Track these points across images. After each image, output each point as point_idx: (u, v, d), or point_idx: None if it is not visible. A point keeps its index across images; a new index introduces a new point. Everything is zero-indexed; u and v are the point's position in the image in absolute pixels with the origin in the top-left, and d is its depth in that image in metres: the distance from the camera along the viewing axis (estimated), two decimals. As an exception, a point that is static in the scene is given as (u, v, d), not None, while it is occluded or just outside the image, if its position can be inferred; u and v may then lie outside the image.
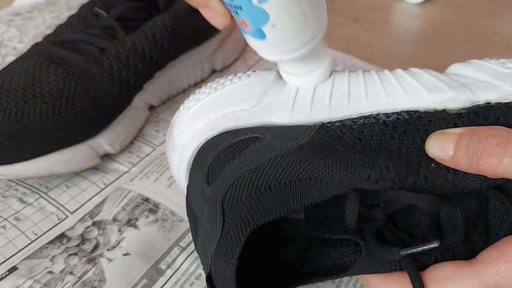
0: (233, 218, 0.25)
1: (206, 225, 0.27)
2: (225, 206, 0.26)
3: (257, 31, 0.26)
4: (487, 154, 0.24)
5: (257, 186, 0.26)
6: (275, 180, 0.26)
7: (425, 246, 0.26)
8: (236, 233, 0.25)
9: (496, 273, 0.25)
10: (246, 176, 0.26)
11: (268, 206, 0.26)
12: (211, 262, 0.26)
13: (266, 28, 0.26)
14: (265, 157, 0.27)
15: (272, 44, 0.27)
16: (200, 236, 0.27)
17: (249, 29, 0.27)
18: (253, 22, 0.26)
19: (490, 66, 0.29)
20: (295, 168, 0.26)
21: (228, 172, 0.27)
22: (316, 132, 0.28)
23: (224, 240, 0.25)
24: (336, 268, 0.31)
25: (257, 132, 0.29)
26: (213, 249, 0.25)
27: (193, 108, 0.31)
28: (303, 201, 0.26)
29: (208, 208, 0.27)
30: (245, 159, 0.27)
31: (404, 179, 0.26)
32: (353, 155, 0.26)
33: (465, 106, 0.28)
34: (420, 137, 0.27)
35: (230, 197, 0.26)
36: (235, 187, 0.26)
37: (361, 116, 0.28)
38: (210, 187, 0.27)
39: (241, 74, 0.32)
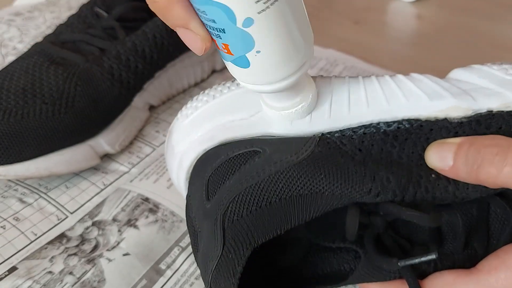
0: (234, 237, 0.25)
1: (206, 241, 0.26)
2: (225, 224, 0.26)
3: (241, 58, 0.24)
4: (487, 163, 0.24)
5: (258, 202, 0.26)
6: (276, 196, 0.26)
7: (423, 257, 0.26)
8: (237, 252, 0.25)
9: (496, 282, 0.24)
10: (246, 192, 0.26)
11: (269, 223, 0.25)
12: (212, 279, 0.25)
13: (250, 54, 0.23)
14: (265, 172, 0.26)
15: (256, 73, 0.24)
16: (200, 251, 0.27)
17: (232, 56, 0.24)
18: (237, 48, 0.23)
19: (492, 72, 0.28)
20: (296, 184, 0.26)
21: (228, 187, 0.27)
22: (316, 145, 0.27)
23: (225, 259, 0.25)
24: (335, 275, 0.30)
25: (256, 145, 0.28)
26: (214, 266, 0.25)
27: (191, 117, 0.31)
28: (304, 216, 0.26)
29: (208, 223, 0.27)
30: (245, 174, 0.27)
31: (405, 190, 0.26)
32: (354, 167, 0.26)
33: (467, 114, 0.27)
34: (421, 145, 0.27)
35: (231, 213, 0.26)
36: (236, 204, 0.26)
37: (361, 126, 0.28)
38: (210, 202, 0.27)
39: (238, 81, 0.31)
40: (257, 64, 0.24)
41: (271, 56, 0.23)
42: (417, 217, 0.26)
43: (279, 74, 0.24)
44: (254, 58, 0.23)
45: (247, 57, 0.23)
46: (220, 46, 0.24)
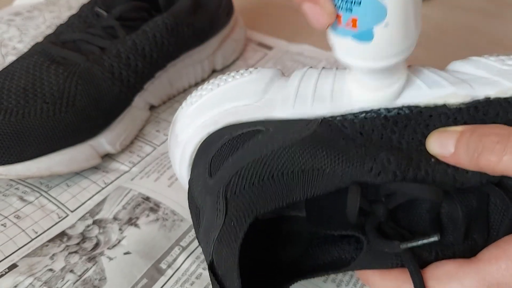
0: (236, 206, 0.26)
1: (208, 214, 0.27)
2: (228, 195, 0.26)
3: (366, 32, 0.25)
4: (488, 151, 0.25)
5: (260, 176, 0.26)
6: (278, 170, 0.26)
7: (425, 239, 0.26)
8: (240, 220, 0.25)
9: (497, 271, 0.25)
10: (249, 167, 0.26)
11: (271, 196, 0.26)
12: (214, 249, 0.26)
13: (378, 27, 0.24)
14: (268, 148, 0.27)
15: (378, 47, 0.25)
16: (203, 226, 0.27)
17: (356, 30, 0.25)
18: (367, 21, 0.24)
19: (489, 63, 0.29)
20: (298, 160, 0.26)
21: (231, 163, 0.27)
22: (318, 125, 0.28)
23: (227, 227, 0.25)
24: (336, 264, 0.31)
25: (260, 126, 0.29)
26: (216, 236, 0.25)
27: (196, 104, 0.31)
28: (305, 192, 0.26)
29: (210, 198, 0.27)
30: (248, 150, 0.27)
31: (405, 172, 0.26)
32: (355, 148, 0.27)
33: (465, 101, 0.28)
34: (421, 131, 0.28)
35: (233, 186, 0.26)
36: (238, 177, 0.26)
37: (363, 111, 0.29)
38: (213, 178, 0.28)
39: (243, 71, 0.32)
40: (382, 36, 0.25)
41: (397, 29, 0.25)
42: (418, 189, 0.26)
43: (399, 47, 0.26)
44: (380, 31, 0.25)
45: (374, 30, 0.25)
46: (345, 21, 0.25)
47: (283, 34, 0.63)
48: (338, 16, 0.25)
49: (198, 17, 0.50)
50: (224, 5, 0.54)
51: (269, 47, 0.60)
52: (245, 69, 0.32)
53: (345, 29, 0.25)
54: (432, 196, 0.26)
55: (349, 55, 0.27)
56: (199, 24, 0.50)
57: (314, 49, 0.59)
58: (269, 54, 0.59)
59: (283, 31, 0.63)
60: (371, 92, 0.28)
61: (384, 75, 0.28)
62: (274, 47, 0.60)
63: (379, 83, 0.28)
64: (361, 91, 0.29)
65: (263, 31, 0.63)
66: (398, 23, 0.24)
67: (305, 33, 0.63)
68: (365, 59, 0.26)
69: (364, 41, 0.25)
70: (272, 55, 0.59)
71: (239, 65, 0.58)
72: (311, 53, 0.58)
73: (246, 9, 0.67)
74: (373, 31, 0.25)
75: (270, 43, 0.61)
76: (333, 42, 0.27)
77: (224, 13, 0.54)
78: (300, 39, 0.61)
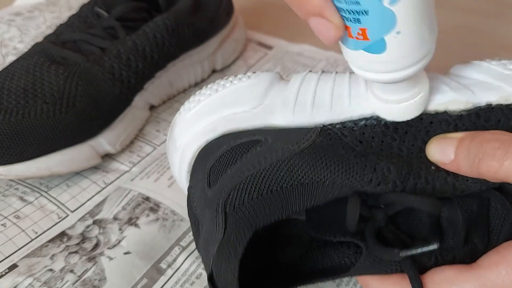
0: (235, 222, 0.25)
1: (207, 227, 0.27)
2: (227, 210, 0.26)
3: (377, 43, 0.23)
4: (489, 157, 0.24)
5: (259, 190, 0.26)
6: (277, 184, 0.26)
7: (425, 248, 0.26)
8: (239, 235, 0.25)
9: (497, 278, 0.25)
10: (248, 181, 0.26)
11: (270, 210, 0.26)
12: (213, 263, 0.26)
13: (389, 37, 0.23)
14: (266, 161, 0.27)
15: (391, 57, 0.24)
16: (202, 237, 0.27)
17: (367, 42, 0.23)
18: (376, 31, 0.23)
19: (491, 68, 0.29)
20: (297, 173, 0.26)
21: (229, 175, 0.27)
22: (318, 135, 0.28)
23: (226, 242, 0.25)
24: (336, 269, 0.31)
25: (258, 135, 0.29)
26: (215, 250, 0.25)
27: (194, 110, 0.31)
28: (304, 204, 0.26)
29: (209, 211, 0.27)
30: (246, 163, 0.27)
31: (405, 181, 0.26)
32: (355, 158, 0.26)
33: (466, 107, 0.27)
34: (421, 138, 0.27)
35: (233, 201, 0.26)
36: (237, 191, 0.26)
37: (363, 118, 0.28)
38: (212, 189, 0.28)
39: (241, 76, 0.32)
40: (395, 46, 0.23)
41: (410, 37, 0.23)
42: (418, 201, 0.26)
43: (415, 56, 0.24)
44: (392, 40, 0.23)
45: (385, 40, 0.23)
46: (354, 33, 0.23)
47: (283, 34, 0.63)
48: (347, 28, 0.24)
49: (198, 17, 0.50)
50: (224, 5, 0.54)
51: (269, 47, 0.60)
52: (244, 73, 0.32)
53: (356, 41, 0.24)
54: (431, 209, 0.26)
55: (364, 68, 0.25)
56: (199, 24, 0.50)
57: (314, 49, 0.59)
58: (269, 54, 0.59)
59: (283, 31, 0.63)
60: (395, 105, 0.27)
61: (404, 87, 0.26)
62: (274, 47, 0.60)
63: (401, 97, 0.27)
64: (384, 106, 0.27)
65: (263, 31, 0.63)
66: (410, 29, 0.23)
67: (305, 33, 0.63)
68: (381, 72, 0.25)
69: (377, 53, 0.24)
70: (272, 55, 0.59)
71: (239, 65, 0.58)
72: (311, 53, 0.58)
73: (246, 9, 0.67)
74: (385, 41, 0.23)
75: (270, 43, 0.61)
76: (346, 56, 0.26)
77: (224, 13, 0.54)
78: (300, 39, 0.61)
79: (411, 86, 0.26)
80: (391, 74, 0.25)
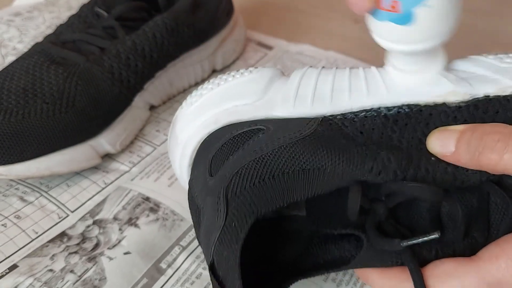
0: (237, 207, 0.25)
1: (209, 215, 0.27)
2: (229, 195, 0.26)
3: (406, 15, 0.25)
4: (489, 149, 0.25)
5: (261, 175, 0.26)
6: (279, 170, 0.26)
7: (426, 237, 0.26)
8: (241, 221, 0.25)
9: (497, 270, 0.25)
10: (249, 166, 0.26)
11: (271, 196, 0.26)
12: (214, 250, 0.26)
13: (419, 9, 0.25)
14: (268, 147, 0.27)
15: (420, 28, 0.26)
16: (203, 226, 0.27)
17: (397, 13, 0.25)
18: (409, 3, 0.25)
19: (488, 61, 0.29)
20: (299, 159, 0.26)
21: (231, 162, 0.27)
22: (319, 124, 0.28)
23: (228, 228, 0.25)
24: (336, 262, 0.31)
25: (260, 124, 0.29)
26: (217, 237, 0.25)
27: (196, 104, 0.31)
28: (306, 192, 0.26)
29: (211, 198, 0.27)
30: (248, 149, 0.27)
31: (406, 171, 0.26)
32: (355, 147, 0.27)
33: (465, 99, 0.28)
34: (421, 130, 0.28)
35: (234, 186, 0.26)
36: (239, 177, 0.26)
37: (363, 110, 0.29)
38: (214, 178, 0.28)
39: (243, 71, 0.32)
40: (424, 18, 0.25)
41: (438, 10, 0.25)
42: (419, 189, 0.26)
43: (440, 29, 0.26)
44: (422, 11, 0.25)
45: (415, 12, 0.25)
46: (387, 5, 0.26)
47: (283, 34, 0.63)
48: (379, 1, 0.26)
49: (198, 17, 0.50)
50: (224, 5, 0.54)
51: (269, 47, 0.60)
52: (245, 68, 0.33)
53: (386, 13, 0.26)
54: (432, 197, 0.26)
55: (389, 39, 0.27)
56: (199, 24, 0.50)
57: (314, 48, 0.59)
58: (269, 54, 0.59)
59: (283, 31, 0.63)
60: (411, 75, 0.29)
61: (422, 59, 0.28)
62: (274, 47, 0.60)
63: (418, 67, 0.28)
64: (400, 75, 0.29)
65: (263, 31, 0.63)
66: (440, 2, 0.25)
67: (305, 33, 0.63)
68: (405, 43, 0.27)
69: (405, 24, 0.26)
70: (272, 55, 0.59)
71: (239, 65, 0.58)
72: (311, 52, 0.58)
73: (246, 9, 0.67)
74: (415, 13, 0.25)
75: (270, 43, 0.61)
76: (372, 26, 0.28)
77: (224, 13, 0.54)
78: (300, 39, 0.61)
79: (428, 58, 0.28)
80: (415, 45, 0.27)
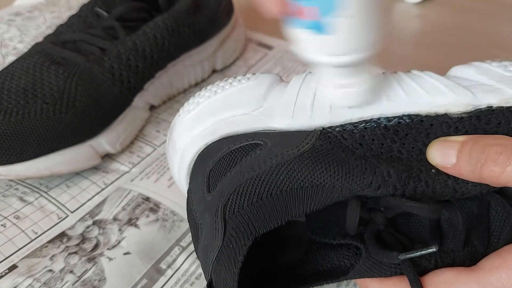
0: (235, 227, 0.25)
1: (207, 232, 0.27)
2: (226, 214, 0.26)
3: (324, 22, 0.23)
4: (491, 162, 0.24)
5: (259, 194, 0.26)
6: (277, 188, 0.26)
7: (424, 250, 0.26)
8: (238, 242, 0.25)
9: (497, 281, 0.24)
10: (247, 184, 0.26)
11: (269, 214, 0.26)
12: (212, 270, 0.25)
13: (337, 16, 0.22)
14: (266, 164, 0.27)
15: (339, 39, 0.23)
16: (201, 243, 0.27)
17: (313, 22, 0.23)
18: (325, 8, 0.22)
19: (492, 69, 0.29)
20: (297, 176, 0.26)
21: (229, 179, 0.27)
22: (317, 138, 0.27)
23: (225, 249, 0.25)
24: (336, 271, 0.30)
25: (258, 139, 0.28)
26: (214, 257, 0.25)
27: (193, 112, 0.31)
28: (304, 208, 0.26)
29: (209, 215, 0.27)
30: (246, 166, 0.27)
31: (405, 185, 0.26)
32: (355, 161, 0.26)
33: (467, 110, 0.27)
34: (422, 141, 0.27)
35: (232, 205, 0.26)
36: (237, 195, 0.26)
37: (362, 120, 0.28)
38: (211, 193, 0.27)
39: (240, 77, 0.31)
40: (342, 28, 0.23)
41: (359, 19, 0.23)
42: (418, 207, 0.26)
43: (361, 42, 0.24)
44: (340, 21, 0.23)
45: (332, 20, 0.23)
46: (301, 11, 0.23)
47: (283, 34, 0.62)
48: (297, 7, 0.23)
49: (198, 17, 0.50)
50: (224, 5, 0.54)
51: (269, 47, 0.60)
52: (243, 75, 0.32)
53: (303, 21, 0.23)
54: (431, 215, 0.26)
55: (310, 49, 0.25)
56: (199, 24, 0.50)
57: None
58: (269, 54, 0.59)
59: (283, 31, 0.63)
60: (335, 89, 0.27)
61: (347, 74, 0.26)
62: (274, 47, 0.60)
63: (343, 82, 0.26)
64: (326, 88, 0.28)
65: (263, 31, 0.63)
66: (359, 13, 0.23)
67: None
68: (329, 54, 0.24)
69: (320, 33, 0.23)
70: (272, 55, 0.59)
71: (239, 65, 0.58)
72: (311, 53, 0.58)
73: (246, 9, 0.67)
74: (334, 23, 0.23)
75: (270, 43, 0.61)
76: (290, 35, 0.25)
77: (224, 13, 0.54)
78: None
79: (357, 73, 0.26)
80: (337, 57, 0.24)
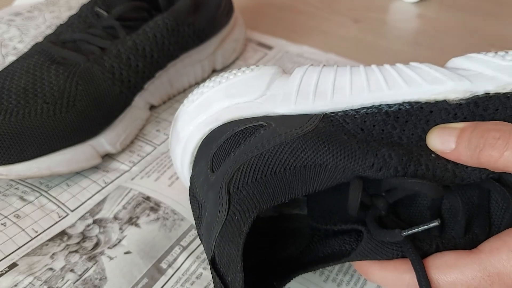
0: (239, 201, 0.26)
1: (210, 209, 0.27)
2: (230, 190, 0.26)
3: None
4: (489, 146, 0.25)
5: (263, 171, 0.26)
6: (280, 166, 0.26)
7: (426, 225, 0.26)
8: (243, 215, 0.25)
9: (498, 262, 0.25)
10: (251, 162, 0.27)
11: (273, 191, 0.26)
12: (215, 245, 0.26)
13: None
14: (270, 143, 0.27)
15: None
16: (204, 221, 0.28)
17: None
18: None
19: (488, 59, 0.29)
20: (300, 155, 0.27)
21: (233, 158, 0.27)
22: (320, 120, 0.28)
23: (230, 222, 0.25)
24: (337, 255, 0.31)
25: (262, 121, 0.29)
26: (218, 231, 0.25)
27: (197, 101, 0.31)
28: (307, 187, 0.27)
29: (213, 193, 0.27)
30: (250, 145, 0.28)
31: (406, 167, 0.26)
32: (357, 143, 0.27)
33: (465, 96, 0.28)
34: (421, 127, 0.28)
35: (236, 181, 0.26)
36: (241, 172, 0.26)
37: (364, 107, 0.29)
38: (215, 173, 0.28)
39: (244, 69, 0.32)
40: None
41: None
42: (420, 184, 0.26)
43: None
44: None
45: None
46: None
47: (283, 34, 0.63)
48: None
49: (198, 17, 0.50)
50: (224, 5, 0.54)
51: (269, 47, 0.60)
52: (247, 66, 0.33)
53: None
54: (432, 193, 0.26)
55: None
56: (199, 24, 0.50)
57: (314, 50, 0.59)
58: (269, 54, 0.59)
59: (283, 31, 0.64)
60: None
61: None
62: (274, 47, 0.60)
63: None
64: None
65: (263, 31, 0.63)
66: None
67: (305, 33, 0.64)
68: None
69: None
70: (272, 55, 0.59)
71: (239, 65, 0.58)
72: (311, 54, 0.58)
73: (246, 9, 0.67)
74: None
75: (270, 43, 0.61)
76: None
77: (224, 13, 0.54)
78: (300, 39, 0.61)
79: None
80: None
